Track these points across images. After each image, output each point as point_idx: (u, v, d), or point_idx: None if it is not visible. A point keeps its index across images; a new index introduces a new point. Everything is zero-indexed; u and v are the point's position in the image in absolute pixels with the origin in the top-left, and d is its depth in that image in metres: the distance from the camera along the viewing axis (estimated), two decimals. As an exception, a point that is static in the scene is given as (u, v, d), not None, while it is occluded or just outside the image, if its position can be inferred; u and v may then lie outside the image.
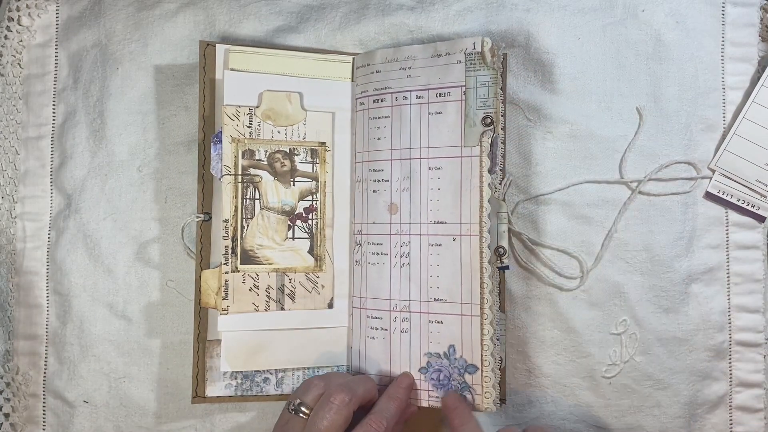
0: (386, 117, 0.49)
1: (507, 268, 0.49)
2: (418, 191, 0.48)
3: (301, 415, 0.43)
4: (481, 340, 0.46)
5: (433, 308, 0.47)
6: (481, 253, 0.46)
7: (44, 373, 0.53)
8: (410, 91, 0.49)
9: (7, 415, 0.52)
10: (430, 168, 0.48)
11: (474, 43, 0.47)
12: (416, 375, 0.48)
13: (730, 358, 0.50)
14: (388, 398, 0.45)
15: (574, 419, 0.51)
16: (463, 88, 0.47)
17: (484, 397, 0.45)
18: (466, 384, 0.46)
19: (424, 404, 0.47)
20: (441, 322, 0.47)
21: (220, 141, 0.49)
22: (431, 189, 0.48)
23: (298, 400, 0.44)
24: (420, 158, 0.48)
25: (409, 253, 0.48)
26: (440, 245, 0.47)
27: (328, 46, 0.52)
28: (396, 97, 0.49)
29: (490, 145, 0.46)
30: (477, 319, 0.46)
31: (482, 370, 0.45)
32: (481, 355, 0.45)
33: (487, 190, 0.46)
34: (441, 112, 0.48)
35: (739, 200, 0.51)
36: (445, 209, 0.47)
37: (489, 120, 0.46)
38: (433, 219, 0.48)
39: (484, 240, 0.46)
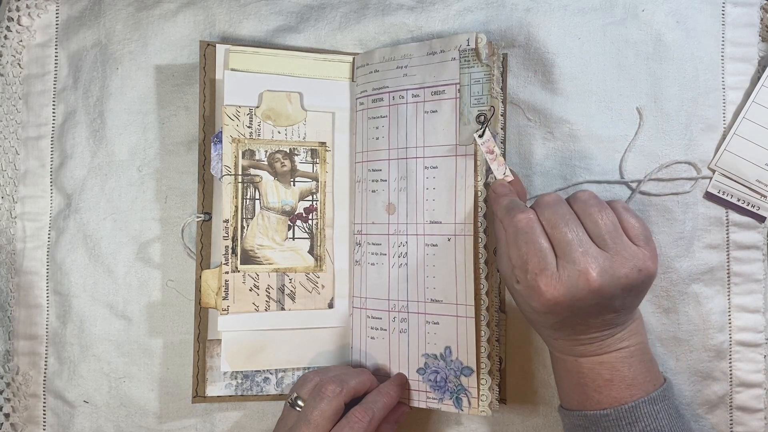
0: (384, 117, 0.49)
1: None
2: (414, 191, 0.48)
3: (297, 408, 0.44)
4: (477, 342, 0.45)
5: (429, 309, 0.47)
6: (477, 253, 0.45)
7: (44, 373, 0.53)
8: (407, 89, 0.48)
9: (7, 415, 0.52)
10: (426, 167, 0.47)
11: (468, 40, 0.46)
12: (414, 376, 0.48)
13: (730, 358, 0.50)
14: (378, 393, 0.46)
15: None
16: (458, 86, 0.46)
17: (479, 401, 0.45)
18: (462, 386, 0.46)
19: (422, 405, 0.47)
20: (437, 323, 0.47)
21: (221, 141, 0.49)
22: (427, 189, 0.47)
23: (295, 394, 0.45)
24: (416, 158, 0.48)
25: (406, 253, 0.48)
26: (436, 245, 0.47)
27: (328, 46, 0.52)
28: (393, 97, 0.49)
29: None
30: (472, 320, 0.45)
31: (478, 373, 0.45)
32: (477, 358, 0.45)
33: (483, 189, 0.45)
34: (436, 111, 0.47)
35: (739, 200, 0.51)
36: (440, 209, 0.47)
37: (483, 117, 0.45)
38: (428, 219, 0.47)
39: (480, 240, 0.45)
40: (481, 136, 0.45)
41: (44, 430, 0.53)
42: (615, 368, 0.41)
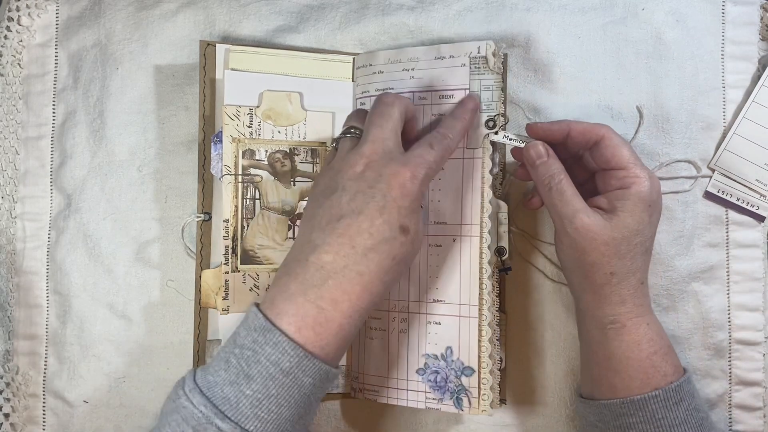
0: None
1: (509, 269, 0.49)
2: None
3: (349, 135, 0.43)
4: (479, 342, 0.45)
5: (431, 309, 0.47)
6: (480, 253, 0.46)
7: (44, 373, 0.53)
8: (413, 92, 0.48)
9: (7, 415, 0.52)
10: None
11: (479, 48, 0.46)
12: (413, 377, 0.47)
13: (729, 357, 0.50)
14: (453, 118, 0.44)
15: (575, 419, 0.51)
16: (467, 91, 0.47)
17: (481, 400, 0.45)
18: (462, 386, 0.46)
19: (421, 406, 0.47)
20: (439, 323, 0.47)
21: (221, 141, 0.49)
22: (432, 190, 0.47)
23: (348, 126, 0.43)
24: None
25: None
26: (440, 246, 0.47)
27: (328, 46, 0.52)
28: None
29: (492, 146, 0.46)
30: (475, 320, 0.45)
31: (479, 373, 0.45)
32: (479, 357, 0.45)
33: (488, 190, 0.46)
34: (444, 114, 0.47)
35: (738, 200, 0.51)
36: (445, 210, 0.47)
37: (492, 123, 0.46)
38: (433, 220, 0.47)
39: (484, 241, 0.46)
40: (496, 133, 0.46)
41: (44, 430, 0.53)
42: (659, 335, 0.43)
